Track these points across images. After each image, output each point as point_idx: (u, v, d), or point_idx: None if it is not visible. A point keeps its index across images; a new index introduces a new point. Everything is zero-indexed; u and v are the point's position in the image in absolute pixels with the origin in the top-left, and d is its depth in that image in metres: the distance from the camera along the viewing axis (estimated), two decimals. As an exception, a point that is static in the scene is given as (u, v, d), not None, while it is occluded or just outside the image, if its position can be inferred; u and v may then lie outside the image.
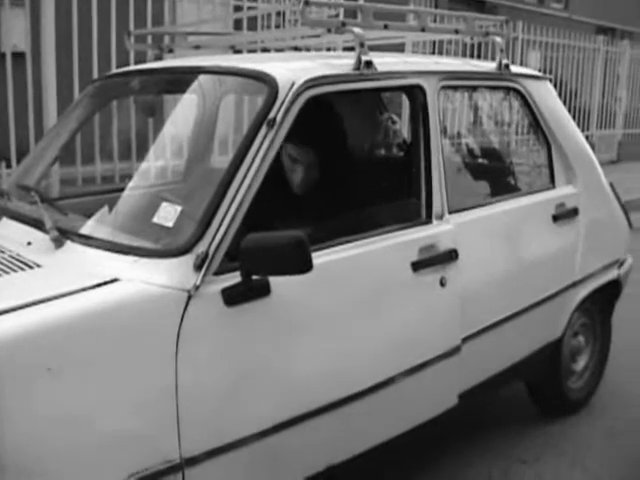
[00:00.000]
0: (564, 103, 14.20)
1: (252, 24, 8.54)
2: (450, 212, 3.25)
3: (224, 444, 2.44)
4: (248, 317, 2.48)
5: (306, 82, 2.77)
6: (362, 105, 4.15)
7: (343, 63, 3.01)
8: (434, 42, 11.08)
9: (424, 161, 3.17)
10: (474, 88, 4.00)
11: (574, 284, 4.06)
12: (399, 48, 8.64)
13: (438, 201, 3.19)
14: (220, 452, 2.43)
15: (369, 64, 2.99)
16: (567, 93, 13.90)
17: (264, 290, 2.50)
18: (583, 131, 14.73)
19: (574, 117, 14.42)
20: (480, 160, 4.47)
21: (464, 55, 10.88)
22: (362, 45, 3.00)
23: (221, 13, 8.14)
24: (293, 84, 2.73)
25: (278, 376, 2.57)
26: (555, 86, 14.05)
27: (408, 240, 3.04)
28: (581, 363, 4.52)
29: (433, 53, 11.38)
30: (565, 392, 4.33)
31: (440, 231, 3.16)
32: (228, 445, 2.45)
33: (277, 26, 9.02)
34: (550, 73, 13.63)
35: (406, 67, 3.26)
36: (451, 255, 3.15)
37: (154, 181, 3.85)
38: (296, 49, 4.62)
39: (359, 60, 2.97)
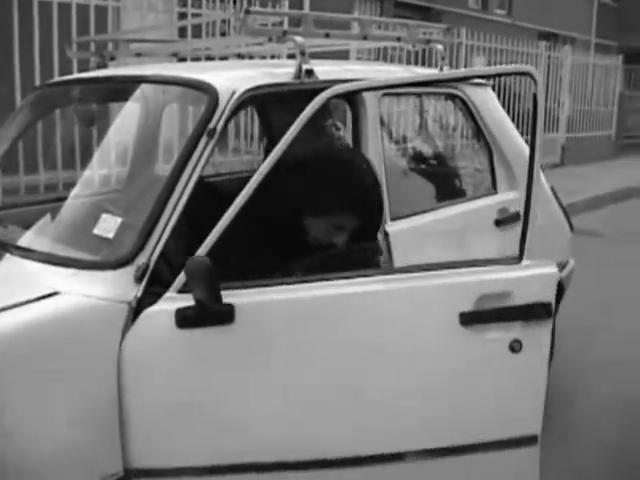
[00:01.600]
0: (508, 108, 14.40)
1: (197, 32, 8.51)
2: (392, 219, 3.27)
3: (172, 467, 2.39)
4: (202, 343, 2.35)
5: (246, 91, 2.77)
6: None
7: (284, 72, 3.01)
8: (379, 49, 11.15)
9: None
10: (416, 95, 4.04)
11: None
12: (344, 55, 8.71)
13: None
14: (168, 474, 2.39)
15: (310, 72, 2.99)
16: (511, 97, 14.07)
17: (226, 317, 2.32)
18: (527, 135, 15.03)
19: (518, 121, 14.68)
20: (423, 166, 4.51)
21: (408, 62, 10.98)
22: (303, 54, 3.00)
23: (165, 20, 8.10)
24: (233, 93, 2.73)
25: (228, 415, 2.38)
26: (499, 91, 14.24)
27: None
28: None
29: (378, 59, 11.47)
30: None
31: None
32: (176, 469, 2.39)
33: (222, 33, 9.00)
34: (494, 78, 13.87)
35: (347, 75, 3.27)
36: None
37: (97, 190, 3.82)
38: (240, 57, 4.62)
39: (300, 69, 2.97)
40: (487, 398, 2.52)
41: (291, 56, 4.07)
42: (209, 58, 5.56)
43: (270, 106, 3.46)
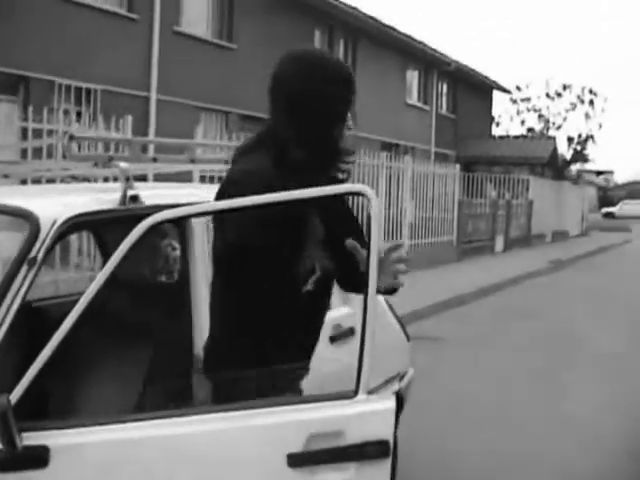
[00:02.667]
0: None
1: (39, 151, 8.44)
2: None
3: None
4: None
5: (69, 219, 2.73)
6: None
7: (111, 198, 3.00)
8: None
9: (189, 291, 3.19)
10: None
11: (356, 402, 4.08)
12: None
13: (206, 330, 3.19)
14: None
15: (135, 198, 2.99)
16: (355, 208, 14.45)
17: (36, 461, 2.13)
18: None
19: (361, 230, 14.96)
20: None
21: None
22: (128, 179, 3.01)
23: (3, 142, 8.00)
24: (55, 222, 2.68)
25: None
26: (344, 202, 14.57)
27: None
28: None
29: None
30: None
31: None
32: None
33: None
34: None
35: (174, 200, 3.29)
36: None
37: None
38: (73, 177, 4.58)
39: (125, 195, 2.97)
40: None
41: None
42: (50, 180, 5.50)
43: (102, 228, 3.42)
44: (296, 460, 2.19)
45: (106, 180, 5.67)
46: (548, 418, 6.66)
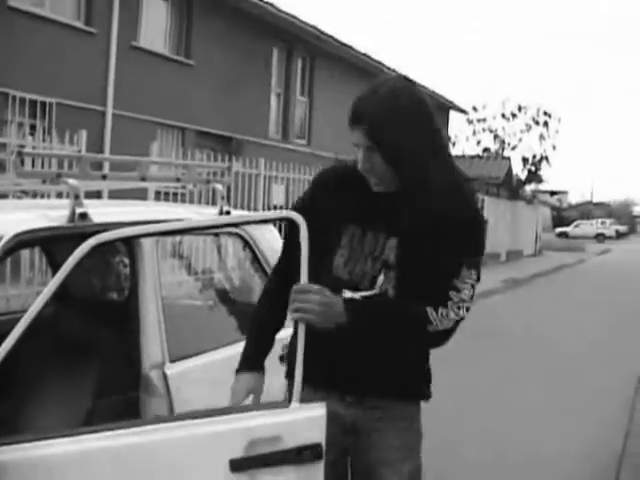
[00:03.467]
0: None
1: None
2: (172, 360, 3.25)
3: None
4: None
5: (15, 236, 2.72)
6: (90, 252, 4.11)
7: (59, 215, 2.98)
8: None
9: (137, 311, 3.19)
10: (197, 234, 4.09)
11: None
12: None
13: (156, 350, 3.18)
14: None
15: (84, 216, 2.98)
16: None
17: None
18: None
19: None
20: (207, 303, 4.53)
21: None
22: (77, 197, 2.99)
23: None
24: (1, 238, 2.67)
25: None
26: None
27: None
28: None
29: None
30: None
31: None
32: None
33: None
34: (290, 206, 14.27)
35: (123, 217, 3.28)
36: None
37: None
38: (24, 192, 4.55)
39: (73, 212, 2.96)
40: None
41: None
42: (1, 195, 5.43)
43: (50, 245, 3.41)
44: (238, 465, 2.33)
45: (60, 196, 5.64)
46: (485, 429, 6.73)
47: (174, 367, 3.26)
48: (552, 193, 71.57)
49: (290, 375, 2.57)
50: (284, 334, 4.06)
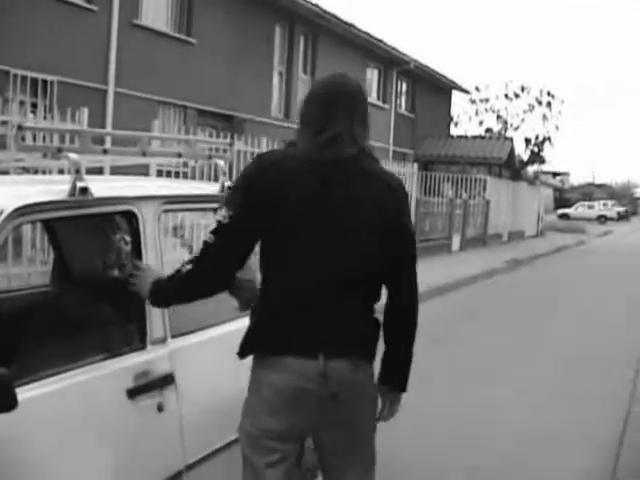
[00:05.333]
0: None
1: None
2: (174, 336, 3.24)
3: None
4: None
5: (17, 210, 2.70)
6: (90, 227, 4.10)
7: (60, 189, 2.96)
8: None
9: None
10: (199, 210, 4.06)
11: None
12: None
13: (158, 325, 3.18)
14: None
15: (84, 190, 2.96)
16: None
17: None
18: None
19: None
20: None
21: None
22: (78, 171, 2.97)
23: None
24: (2, 212, 2.65)
25: None
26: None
27: (121, 367, 3.00)
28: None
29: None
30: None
31: (155, 356, 3.14)
32: None
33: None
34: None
35: (124, 192, 3.26)
36: (167, 380, 3.13)
37: None
38: (25, 170, 4.53)
39: (74, 186, 2.94)
40: (146, 452, 3.04)
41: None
42: (2, 171, 5.41)
43: (51, 219, 3.38)
44: (131, 393, 2.97)
45: (61, 173, 5.62)
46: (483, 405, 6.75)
47: (174, 342, 3.24)
48: (554, 174, 71.54)
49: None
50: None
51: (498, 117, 38.94)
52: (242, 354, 2.92)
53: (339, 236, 2.80)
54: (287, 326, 2.80)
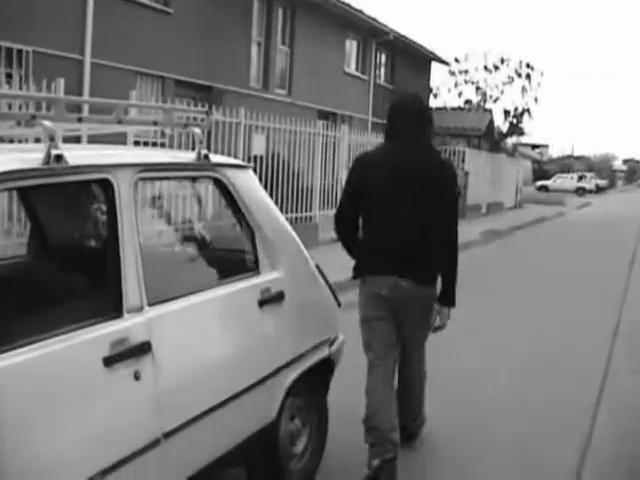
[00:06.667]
0: (287, 184, 14.80)
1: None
2: (151, 304, 3.23)
3: None
4: None
5: (-11, 179, 2.67)
6: (65, 196, 4.07)
7: (34, 157, 2.93)
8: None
9: (115, 254, 3.15)
10: (175, 178, 4.04)
11: (283, 367, 4.13)
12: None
13: (134, 293, 3.17)
14: None
15: (59, 158, 2.93)
16: (290, 174, 14.42)
17: None
18: (306, 211, 15.50)
19: (297, 197, 15.04)
20: (186, 249, 4.50)
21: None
22: (52, 139, 2.94)
23: None
24: (-25, 181, 2.63)
25: None
26: (279, 167, 14.58)
27: (97, 335, 2.98)
28: (300, 445, 4.53)
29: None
30: (287, 475, 4.33)
31: (131, 324, 3.13)
32: None
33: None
34: (274, 155, 14.19)
35: (99, 160, 3.23)
36: (143, 348, 3.12)
37: None
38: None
39: (49, 154, 2.91)
40: (122, 420, 3.04)
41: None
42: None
43: (25, 188, 3.35)
44: (107, 361, 2.98)
45: (37, 142, 5.56)
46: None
47: (151, 310, 3.24)
48: (533, 146, 71.77)
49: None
50: (263, 279, 4.09)
51: (477, 89, 38.91)
52: (355, 277, 4.79)
53: (405, 202, 4.55)
54: (376, 259, 4.64)
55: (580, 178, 67.12)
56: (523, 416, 6.04)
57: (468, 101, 38.64)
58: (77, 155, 3.13)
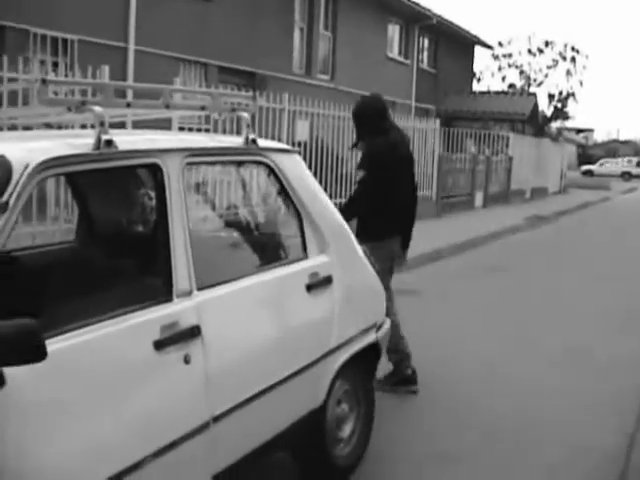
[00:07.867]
0: (330, 170, 14.72)
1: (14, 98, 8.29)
2: (200, 288, 3.25)
3: None
4: None
5: (41, 163, 2.69)
6: (114, 182, 4.10)
7: (84, 142, 2.94)
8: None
9: (165, 239, 3.16)
10: (222, 163, 4.05)
11: (331, 351, 4.13)
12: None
13: (183, 278, 3.18)
14: None
15: (109, 143, 2.95)
16: (334, 160, 14.39)
17: None
18: (342, 198, 15.43)
19: (341, 183, 14.95)
20: (235, 234, 4.51)
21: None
22: (102, 124, 2.96)
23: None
24: (27, 166, 2.64)
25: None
26: (322, 153, 14.48)
27: (148, 319, 3.00)
28: (347, 430, 4.53)
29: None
30: (332, 460, 4.33)
31: (181, 308, 3.14)
32: None
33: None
34: (318, 141, 14.17)
35: (148, 145, 3.24)
36: (193, 332, 3.14)
37: None
38: (48, 126, 4.51)
39: (99, 139, 2.92)
40: (172, 404, 3.07)
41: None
42: (27, 127, 5.39)
43: (75, 173, 3.37)
44: (158, 345, 3.00)
45: (84, 128, 5.60)
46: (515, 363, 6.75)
47: (200, 294, 3.25)
48: (578, 131, 70.74)
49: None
50: (311, 263, 4.09)
51: (521, 73, 38.48)
52: (370, 240, 5.36)
53: (407, 179, 6.20)
54: (392, 225, 6.03)
55: (628, 162, 66.19)
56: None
57: (512, 85, 38.23)
58: (126, 140, 3.14)
